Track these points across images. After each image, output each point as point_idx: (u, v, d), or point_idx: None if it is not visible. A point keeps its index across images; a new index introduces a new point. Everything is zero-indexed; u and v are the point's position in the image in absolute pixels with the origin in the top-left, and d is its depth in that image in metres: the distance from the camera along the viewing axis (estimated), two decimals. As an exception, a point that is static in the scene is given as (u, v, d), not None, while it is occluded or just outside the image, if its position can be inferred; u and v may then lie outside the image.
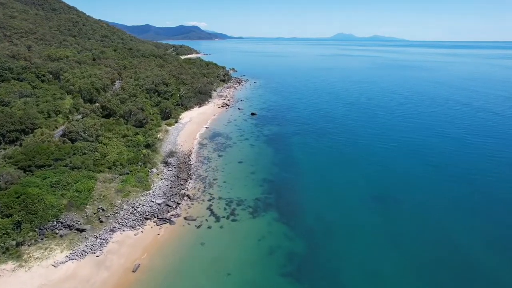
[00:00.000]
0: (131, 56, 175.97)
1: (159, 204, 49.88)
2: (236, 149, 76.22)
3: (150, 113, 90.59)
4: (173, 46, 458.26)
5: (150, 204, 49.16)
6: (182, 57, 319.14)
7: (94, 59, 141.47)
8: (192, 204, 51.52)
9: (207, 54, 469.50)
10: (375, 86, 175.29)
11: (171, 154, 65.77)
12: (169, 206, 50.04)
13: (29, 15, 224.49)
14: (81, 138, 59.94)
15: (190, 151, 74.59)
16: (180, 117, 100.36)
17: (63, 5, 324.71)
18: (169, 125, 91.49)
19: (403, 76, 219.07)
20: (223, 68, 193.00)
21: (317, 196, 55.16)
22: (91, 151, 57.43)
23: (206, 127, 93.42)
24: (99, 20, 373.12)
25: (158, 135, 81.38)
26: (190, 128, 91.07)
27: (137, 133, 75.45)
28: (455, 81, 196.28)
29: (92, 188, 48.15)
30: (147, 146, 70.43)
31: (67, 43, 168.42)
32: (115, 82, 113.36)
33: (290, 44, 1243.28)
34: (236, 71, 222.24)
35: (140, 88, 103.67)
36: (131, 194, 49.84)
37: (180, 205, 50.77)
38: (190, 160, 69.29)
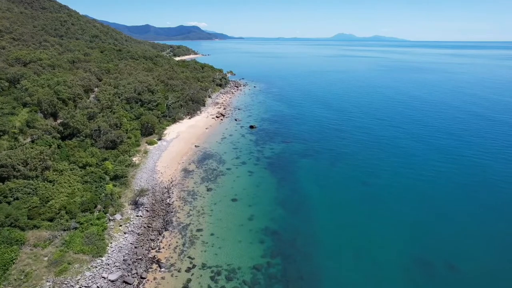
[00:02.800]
0: (119, 58, 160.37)
1: (112, 281, 34.12)
2: (230, 179, 60.42)
3: (127, 129, 75.01)
4: (171, 47, 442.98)
5: (98, 284, 33.38)
6: (177, 59, 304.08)
7: (73, 62, 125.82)
8: (162, 278, 35.72)
9: (206, 55, 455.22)
10: (391, 92, 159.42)
11: (143, 192, 49.92)
12: (128, 283, 34.31)
13: (12, 14, 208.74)
14: (19, 174, 44.19)
15: (172, 182, 58.80)
16: (165, 132, 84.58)
17: (54, 3, 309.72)
18: (151, 143, 75.83)
19: (417, 81, 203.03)
20: (220, 71, 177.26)
21: (340, 261, 39.37)
22: (28, 194, 41.72)
23: (195, 146, 77.66)
24: (93, 19, 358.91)
25: (134, 159, 65.76)
26: (176, 148, 75.32)
27: (105, 159, 59.86)
28: (477, 88, 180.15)
29: (11, 261, 32.50)
30: (115, 178, 54.78)
31: (48, 44, 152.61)
32: (94, 89, 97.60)
33: (291, 44, 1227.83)
34: (235, 74, 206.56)
35: (118, 97, 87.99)
36: (71, 267, 34.09)
37: (144, 281, 35.02)
38: (169, 197, 53.50)
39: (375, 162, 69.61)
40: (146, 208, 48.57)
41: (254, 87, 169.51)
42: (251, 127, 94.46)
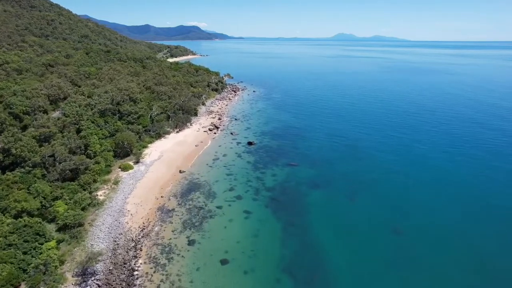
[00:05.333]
0: (105, 60, 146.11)
1: None
2: (220, 224, 46.12)
3: (96, 152, 60.73)
4: (168, 47, 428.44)
5: None
6: (174, 60, 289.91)
7: (50, 66, 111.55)
8: None
9: (204, 55, 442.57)
10: (402, 99, 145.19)
11: (92, 260, 35.55)
12: None
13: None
14: None
15: (143, 229, 44.47)
16: (146, 152, 70.34)
17: (45, 2, 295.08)
18: (125, 169, 61.46)
19: (427, 84, 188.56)
20: (216, 74, 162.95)
21: None
22: None
23: (180, 171, 63.31)
24: (87, 19, 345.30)
25: (99, 194, 51.52)
26: (156, 174, 60.99)
27: (57, 197, 45.63)
28: (494, 96, 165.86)
29: None
30: (64, 228, 40.56)
31: (25, 45, 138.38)
32: (67, 98, 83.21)
33: (291, 44, 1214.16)
34: (232, 78, 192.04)
35: (91, 109, 73.67)
36: None
37: None
38: (136, 256, 39.14)
39: (403, 195, 55.36)
40: (97, 282, 34.21)
41: (254, 91, 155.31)
42: (250, 143, 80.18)
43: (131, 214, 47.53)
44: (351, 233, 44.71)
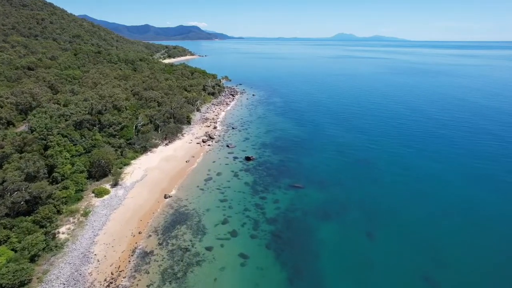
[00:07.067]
0: (94, 62, 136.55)
1: None
2: (210, 275, 36.42)
3: (64, 174, 51.09)
4: (166, 47, 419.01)
5: None
6: (167, 61, 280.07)
7: (29, 68, 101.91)
8: None
9: (203, 56, 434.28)
10: (414, 104, 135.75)
11: None
12: None
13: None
14: None
15: (110, 283, 34.82)
16: (127, 170, 60.71)
17: (37, 0, 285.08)
18: (100, 194, 51.82)
19: (438, 86, 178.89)
20: (214, 76, 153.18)
21: None
22: None
23: (165, 196, 53.67)
24: (83, 18, 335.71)
25: (61, 231, 41.88)
26: (136, 201, 51.34)
27: None
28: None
29: None
30: (1, 289, 30.88)
31: (7, 45, 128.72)
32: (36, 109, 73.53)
33: (291, 44, 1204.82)
34: (230, 80, 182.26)
35: (65, 120, 64.04)
36: None
37: None
38: (93, 330, 29.52)
39: (429, 229, 45.82)
40: None
41: (253, 95, 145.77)
42: (248, 158, 70.55)
43: (98, 260, 37.88)
44: (374, 285, 35.11)
